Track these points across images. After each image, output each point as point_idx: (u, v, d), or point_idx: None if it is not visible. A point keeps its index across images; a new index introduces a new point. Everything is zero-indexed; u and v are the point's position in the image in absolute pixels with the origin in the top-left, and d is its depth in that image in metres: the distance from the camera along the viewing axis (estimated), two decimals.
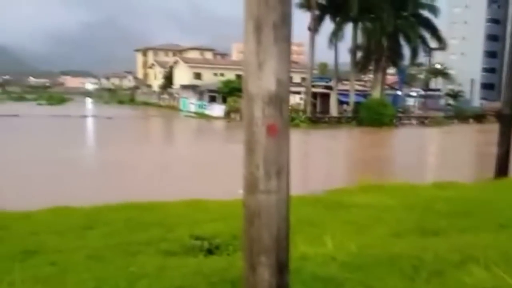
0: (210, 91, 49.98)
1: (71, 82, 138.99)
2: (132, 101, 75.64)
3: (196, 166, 16.86)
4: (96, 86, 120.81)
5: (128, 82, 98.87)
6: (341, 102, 42.47)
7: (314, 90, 41.49)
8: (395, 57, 41.34)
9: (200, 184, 12.42)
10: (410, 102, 57.25)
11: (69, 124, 35.22)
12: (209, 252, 4.50)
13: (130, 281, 3.21)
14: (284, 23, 2.28)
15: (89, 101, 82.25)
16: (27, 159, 16.54)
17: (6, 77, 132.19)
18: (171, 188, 11.62)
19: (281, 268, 2.36)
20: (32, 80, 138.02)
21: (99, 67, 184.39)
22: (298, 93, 40.50)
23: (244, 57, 2.35)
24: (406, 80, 58.80)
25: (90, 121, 39.49)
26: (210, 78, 57.04)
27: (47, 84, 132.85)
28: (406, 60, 42.49)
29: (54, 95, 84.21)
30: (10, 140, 23.22)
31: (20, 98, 78.20)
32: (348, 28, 39.27)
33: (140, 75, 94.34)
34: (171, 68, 68.16)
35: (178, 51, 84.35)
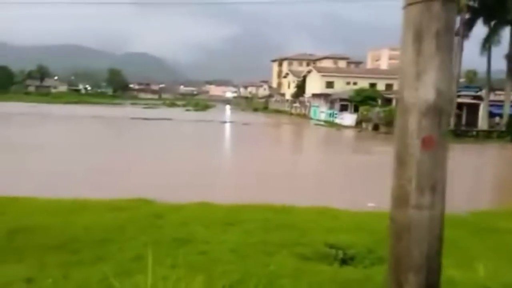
0: (342, 99, 49.36)
1: (214, 90, 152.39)
2: (265, 108, 79.27)
3: (324, 174, 16.82)
4: (235, 94, 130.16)
5: (263, 91, 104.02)
6: (492, 115, 37.60)
7: (459, 100, 37.63)
8: None
9: (327, 192, 12.36)
10: None
11: (211, 128, 38.71)
12: (343, 262, 4.48)
13: (271, 278, 3.41)
14: (448, 31, 2.16)
15: (228, 108, 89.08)
16: (180, 157, 18.70)
17: (162, 85, 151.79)
18: (301, 192, 11.83)
19: None
20: (182, 88, 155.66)
21: (238, 77, 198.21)
22: None
23: (400, 67, 2.30)
24: None
25: (229, 126, 42.69)
26: (342, 87, 56.38)
27: (194, 92, 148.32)
28: None
29: (199, 102, 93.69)
30: (170, 140, 26.60)
31: (172, 104, 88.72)
32: (504, 32, 34.62)
33: (274, 84, 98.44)
34: (304, 77, 69.46)
35: (311, 60, 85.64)
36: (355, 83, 56.12)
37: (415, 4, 2.18)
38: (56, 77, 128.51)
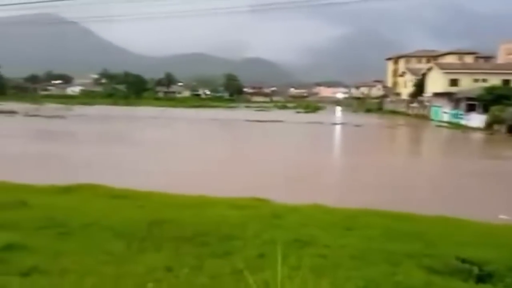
0: (468, 99, 44.62)
1: (325, 92, 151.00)
2: (379, 109, 75.74)
3: (448, 180, 15.42)
4: (346, 95, 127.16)
5: (377, 91, 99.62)
6: None
7: None
8: None
9: (451, 200, 11.31)
10: None
11: (322, 130, 38.49)
12: (480, 279, 4.05)
13: None
14: None
15: (338, 109, 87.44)
16: (291, 158, 19.02)
17: (273, 88, 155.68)
18: (421, 199, 11.05)
19: None
20: (292, 90, 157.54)
21: (350, 77, 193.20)
22: None
23: None
24: None
25: (340, 128, 41.91)
26: (468, 85, 51.01)
27: (305, 94, 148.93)
28: None
29: (309, 104, 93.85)
30: (281, 141, 27.30)
31: (283, 107, 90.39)
32: None
33: (389, 83, 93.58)
34: (424, 75, 64.62)
35: (432, 56, 79.24)
36: (484, 80, 50.33)
37: None
38: (180, 84, 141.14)
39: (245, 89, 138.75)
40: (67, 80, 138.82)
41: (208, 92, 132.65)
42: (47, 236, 5.19)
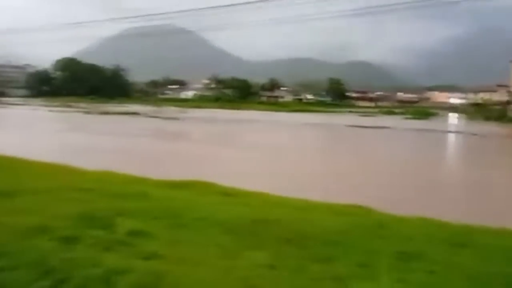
0: None
1: (437, 97, 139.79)
2: (502, 117, 67.61)
3: None
4: (462, 101, 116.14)
5: (500, 96, 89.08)
6: None
7: None
8: None
9: None
10: None
11: (433, 138, 35.79)
12: None
13: None
14: None
15: (452, 116, 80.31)
16: (393, 165, 18.12)
17: (379, 93, 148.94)
18: None
19: None
20: (400, 95, 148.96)
21: (467, 81, 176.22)
22: None
23: None
24: None
25: (453, 137, 38.49)
26: None
27: (414, 99, 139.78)
28: None
29: (419, 110, 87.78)
30: (383, 149, 26.18)
31: (389, 112, 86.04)
32: None
33: None
34: None
35: None
36: None
37: None
38: (283, 88, 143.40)
39: (349, 94, 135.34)
40: (182, 84, 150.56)
41: (310, 97, 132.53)
42: (165, 225, 5.76)
